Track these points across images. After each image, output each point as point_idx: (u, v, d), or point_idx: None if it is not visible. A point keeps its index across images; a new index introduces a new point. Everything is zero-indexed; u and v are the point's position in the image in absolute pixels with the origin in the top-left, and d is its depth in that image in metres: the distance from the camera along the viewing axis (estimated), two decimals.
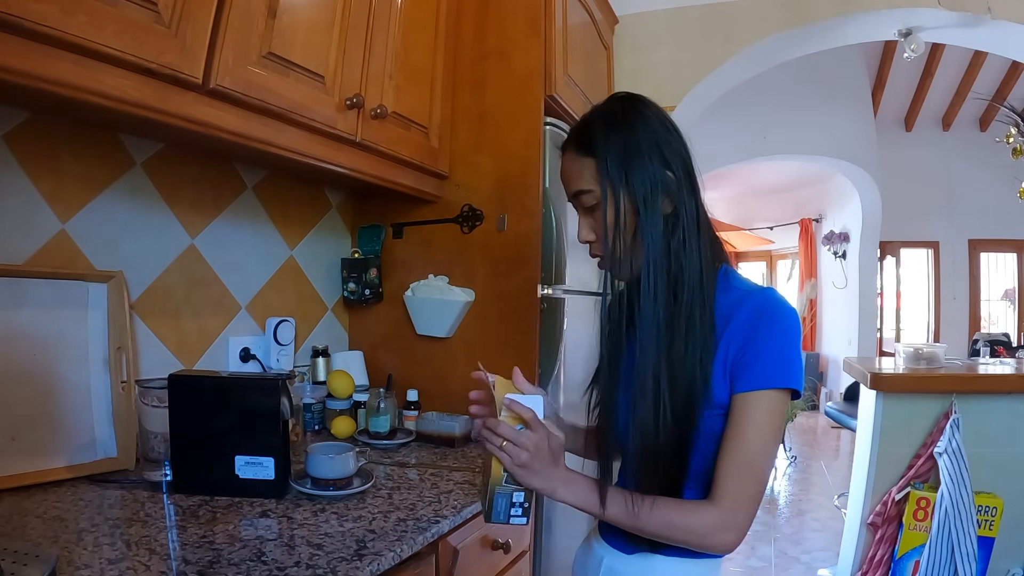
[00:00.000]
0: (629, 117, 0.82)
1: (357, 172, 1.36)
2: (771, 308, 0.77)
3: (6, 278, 1.02)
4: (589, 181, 0.82)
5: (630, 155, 0.80)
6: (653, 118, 0.83)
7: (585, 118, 0.86)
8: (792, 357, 0.76)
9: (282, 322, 1.51)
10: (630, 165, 0.80)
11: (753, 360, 0.75)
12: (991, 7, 1.97)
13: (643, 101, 0.85)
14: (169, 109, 0.93)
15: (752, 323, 0.77)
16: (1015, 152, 3.61)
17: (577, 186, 0.84)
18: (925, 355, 2.00)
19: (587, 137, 0.83)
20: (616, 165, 0.80)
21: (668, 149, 0.81)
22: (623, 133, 0.81)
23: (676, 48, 2.26)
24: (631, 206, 0.80)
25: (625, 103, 0.85)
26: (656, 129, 0.82)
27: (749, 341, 0.76)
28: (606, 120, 0.83)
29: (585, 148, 0.83)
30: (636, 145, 0.80)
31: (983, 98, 5.44)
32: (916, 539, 1.81)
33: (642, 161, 0.80)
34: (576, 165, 0.84)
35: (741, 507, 0.73)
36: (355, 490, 1.08)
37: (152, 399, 1.08)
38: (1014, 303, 6.31)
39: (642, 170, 0.80)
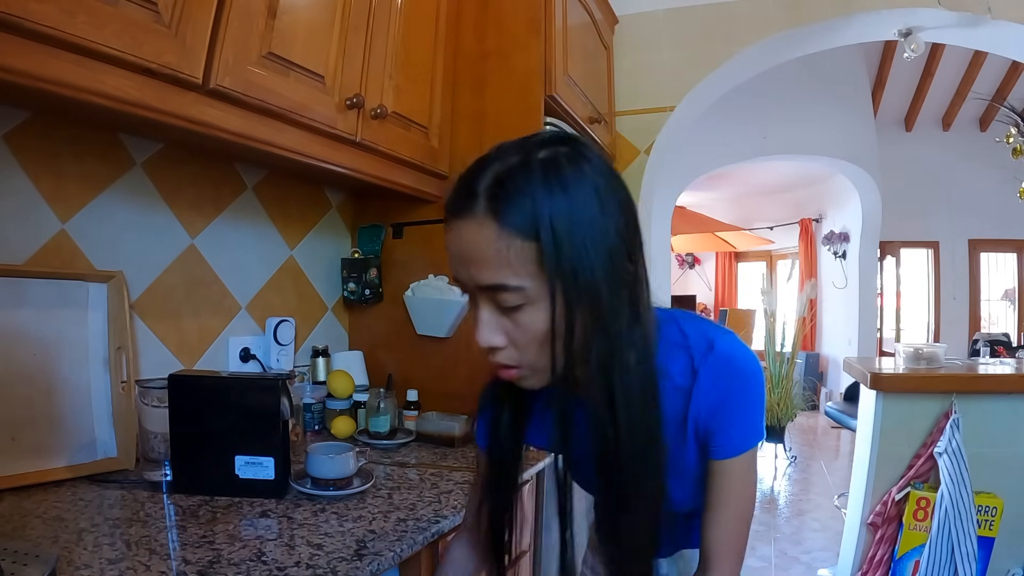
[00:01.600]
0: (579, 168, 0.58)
1: (357, 172, 1.36)
2: (733, 368, 0.66)
3: (6, 278, 1.02)
4: (520, 273, 0.56)
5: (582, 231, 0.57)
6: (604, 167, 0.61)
7: (507, 170, 0.58)
8: (761, 412, 0.69)
9: (282, 322, 1.51)
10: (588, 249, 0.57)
11: (727, 429, 0.67)
12: (991, 7, 1.97)
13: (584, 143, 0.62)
14: (169, 109, 0.93)
15: (718, 390, 0.66)
16: (1015, 152, 3.61)
17: (495, 279, 0.57)
18: (925, 355, 2.00)
19: (518, 202, 0.56)
20: (564, 248, 0.56)
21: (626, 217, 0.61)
22: (573, 196, 0.57)
23: (676, 48, 2.26)
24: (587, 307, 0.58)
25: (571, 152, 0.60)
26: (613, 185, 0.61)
27: (720, 409, 0.66)
28: (546, 174, 0.57)
29: (512, 218, 0.56)
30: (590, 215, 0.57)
31: (983, 98, 5.43)
32: (916, 539, 1.82)
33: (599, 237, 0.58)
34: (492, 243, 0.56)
35: (737, 563, 0.72)
36: (355, 490, 1.08)
37: (152, 399, 1.08)
38: (1014, 303, 6.31)
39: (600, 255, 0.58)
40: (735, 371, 0.66)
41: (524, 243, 0.56)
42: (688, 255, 8.56)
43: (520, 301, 0.58)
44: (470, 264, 0.58)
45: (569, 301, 0.57)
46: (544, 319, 0.58)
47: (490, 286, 0.58)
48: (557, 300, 0.57)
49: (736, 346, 0.67)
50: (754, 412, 0.68)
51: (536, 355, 0.60)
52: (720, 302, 8.23)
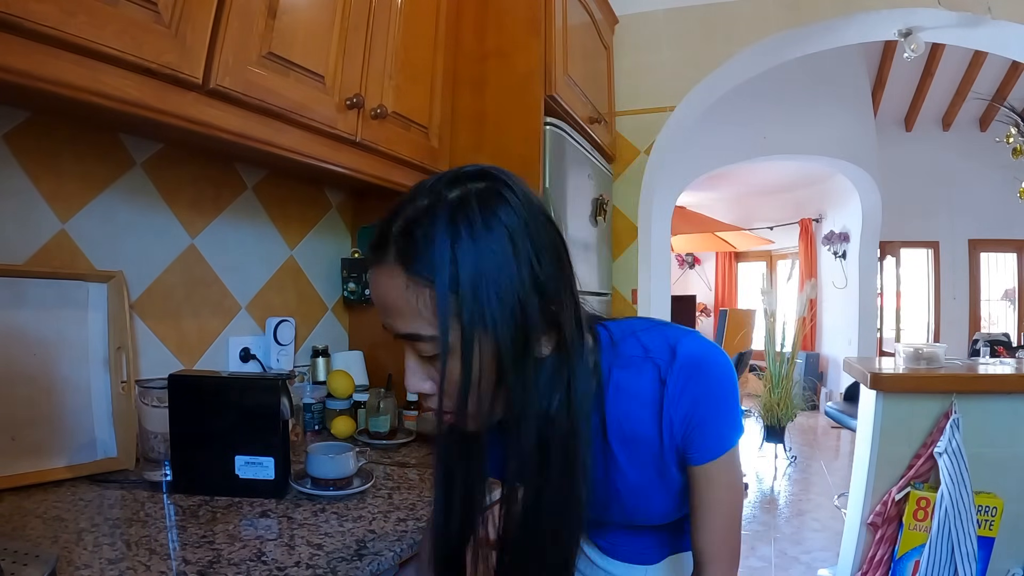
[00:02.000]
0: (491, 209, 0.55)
1: (357, 172, 1.36)
2: (700, 370, 0.65)
3: (6, 278, 1.02)
4: (425, 322, 0.55)
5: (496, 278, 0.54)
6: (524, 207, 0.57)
7: (413, 214, 0.56)
8: (736, 408, 0.67)
9: (282, 322, 1.51)
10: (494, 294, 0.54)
11: (704, 433, 0.66)
12: (991, 7, 1.97)
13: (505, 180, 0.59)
14: (169, 109, 0.93)
15: (690, 395, 0.65)
16: (1015, 152, 3.62)
17: (407, 328, 0.57)
18: (925, 355, 2.00)
19: (423, 247, 0.54)
20: (471, 295, 0.54)
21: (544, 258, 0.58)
22: (484, 240, 0.54)
23: (676, 48, 2.26)
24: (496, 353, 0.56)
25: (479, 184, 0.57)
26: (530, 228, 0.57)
27: (693, 414, 0.65)
28: (453, 217, 0.54)
29: (419, 267, 0.54)
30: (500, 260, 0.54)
31: (983, 98, 5.44)
32: (916, 539, 1.81)
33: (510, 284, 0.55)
34: (401, 293, 0.55)
35: (733, 563, 0.71)
36: (355, 490, 1.08)
37: (152, 399, 1.08)
38: (1014, 303, 6.31)
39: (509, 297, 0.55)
40: (702, 373, 0.65)
41: (422, 287, 0.54)
42: (688, 255, 8.57)
43: (436, 350, 0.56)
44: (387, 313, 0.58)
45: (480, 351, 0.55)
46: (462, 369, 0.56)
47: (406, 335, 0.57)
48: (466, 350, 0.55)
49: (700, 345, 0.66)
50: (729, 410, 0.66)
51: (465, 402, 0.57)
52: (720, 302, 8.24)
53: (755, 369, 5.48)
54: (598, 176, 1.98)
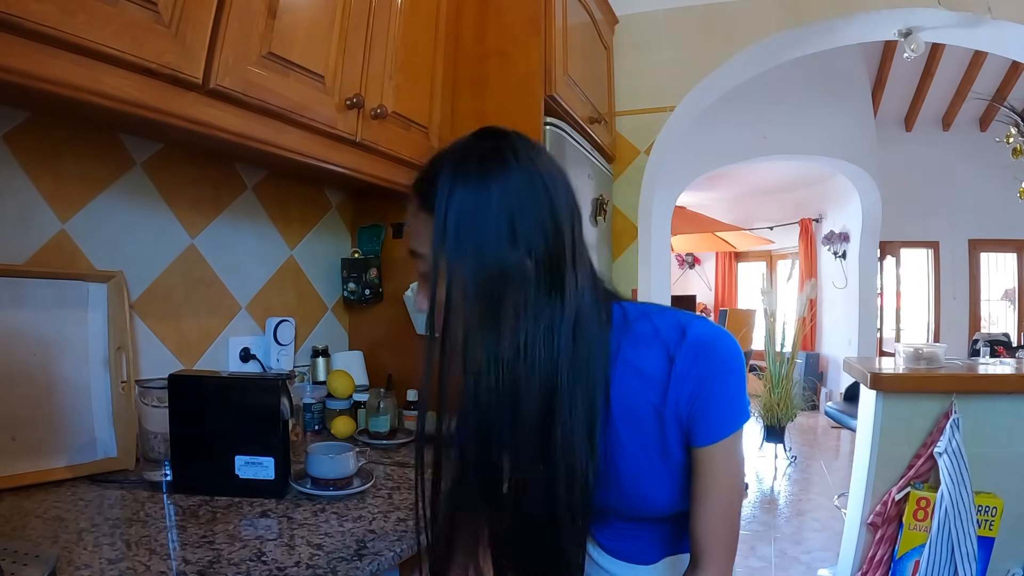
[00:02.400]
0: (487, 168, 0.63)
1: (357, 172, 1.36)
2: (709, 351, 0.67)
3: (6, 278, 1.02)
4: (422, 243, 0.65)
5: (474, 229, 0.62)
6: (523, 173, 0.64)
7: (437, 156, 0.68)
8: (742, 393, 0.69)
9: (282, 322, 1.51)
10: (473, 244, 0.61)
11: (708, 412, 0.67)
12: (991, 7, 1.97)
13: (512, 145, 0.65)
14: (169, 109, 0.93)
15: (696, 374, 0.66)
16: (1015, 152, 3.61)
17: (412, 246, 0.68)
18: (925, 355, 2.00)
19: (430, 185, 0.64)
20: (457, 240, 0.62)
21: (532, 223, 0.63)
22: (473, 193, 0.62)
23: (676, 48, 2.26)
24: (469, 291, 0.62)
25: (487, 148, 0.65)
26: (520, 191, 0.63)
27: (699, 393, 0.66)
28: (455, 170, 0.64)
29: (425, 199, 0.65)
30: (485, 216, 0.62)
31: (983, 98, 5.43)
32: (916, 539, 1.81)
33: (487, 242, 0.62)
34: (416, 220, 0.67)
35: (730, 557, 0.71)
36: (355, 490, 1.08)
37: (152, 399, 1.08)
38: (1014, 303, 6.31)
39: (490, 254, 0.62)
40: (711, 352, 0.67)
41: (424, 215, 0.65)
42: (688, 255, 8.57)
43: (424, 269, 0.66)
44: (410, 234, 0.69)
45: (453, 282, 0.62)
46: (440, 294, 0.63)
47: (411, 251, 0.69)
48: (439, 275, 0.63)
49: (710, 328, 0.68)
50: (735, 392, 0.67)
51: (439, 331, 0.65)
52: (720, 302, 8.24)
53: (755, 369, 5.48)
54: (598, 176, 1.98)
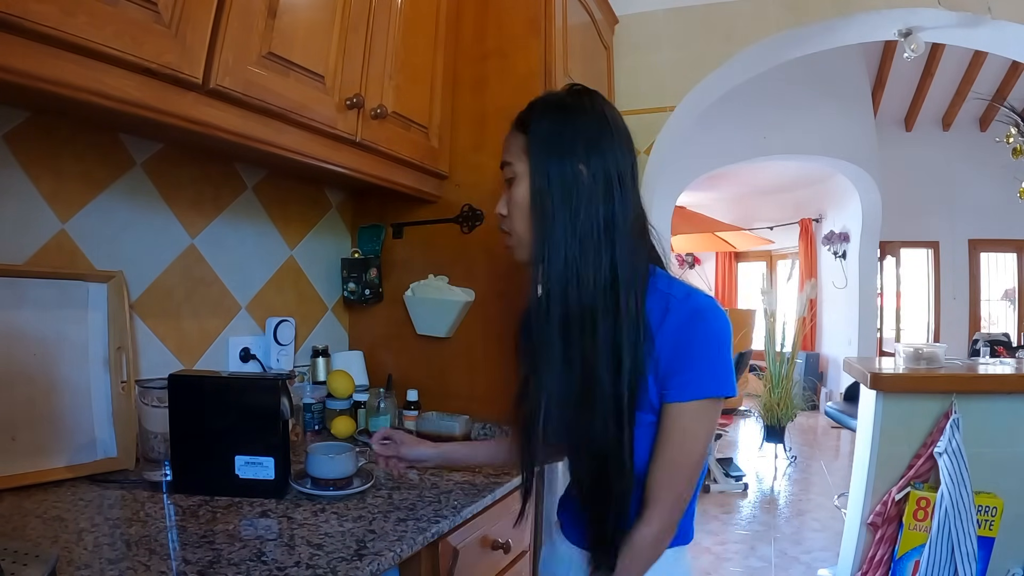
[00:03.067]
0: (570, 109, 0.83)
1: (357, 172, 1.36)
2: (701, 316, 0.76)
3: (6, 278, 1.02)
4: (513, 155, 0.84)
5: (554, 144, 0.81)
6: (594, 115, 0.82)
7: (535, 99, 0.88)
8: (722, 364, 0.75)
9: (282, 322, 1.51)
10: (551, 153, 0.80)
11: (682, 371, 0.75)
12: (991, 7, 1.97)
13: (592, 96, 0.85)
14: (169, 109, 0.93)
15: (681, 332, 0.76)
16: (1015, 152, 3.61)
17: (504, 156, 0.86)
18: (925, 355, 2.00)
19: (527, 114, 0.86)
20: (539, 148, 0.81)
21: (594, 150, 0.80)
22: (557, 122, 0.82)
23: (676, 48, 2.26)
24: (545, 193, 0.80)
25: (574, 94, 0.85)
26: (590, 126, 0.81)
27: (679, 351, 0.75)
28: (547, 105, 0.85)
29: (520, 123, 0.85)
30: (562, 135, 0.81)
31: (983, 98, 5.43)
32: (916, 539, 1.81)
33: (562, 152, 0.80)
34: (511, 138, 0.86)
35: (676, 512, 0.78)
36: (355, 490, 1.08)
37: (152, 399, 1.08)
38: (1014, 303, 6.31)
39: (560, 161, 0.80)
40: (702, 318, 0.76)
41: (519, 134, 0.84)
42: (688, 255, 8.57)
43: (512, 175, 0.84)
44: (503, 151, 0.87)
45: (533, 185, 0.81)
46: (524, 192, 0.82)
47: (503, 162, 0.86)
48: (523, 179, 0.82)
49: (711, 303, 0.78)
50: (714, 361, 0.75)
51: (518, 223, 0.84)
52: (720, 302, 8.22)
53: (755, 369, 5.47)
54: None
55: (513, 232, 0.85)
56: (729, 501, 3.75)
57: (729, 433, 5.58)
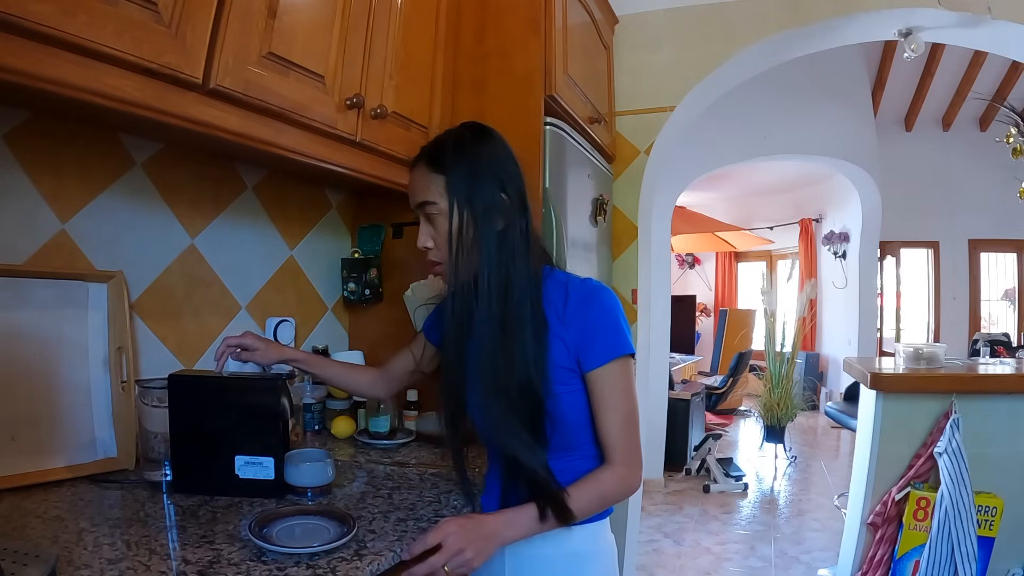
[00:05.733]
0: (477, 144, 0.94)
1: (357, 172, 1.36)
2: (593, 293, 0.92)
3: (6, 278, 1.02)
4: (436, 195, 0.92)
5: (473, 177, 0.91)
6: (497, 148, 0.95)
7: (439, 139, 0.98)
8: (622, 327, 0.91)
9: (282, 322, 1.51)
10: (472, 185, 0.91)
11: (593, 339, 0.90)
12: (991, 7, 1.97)
13: (490, 132, 0.98)
14: (169, 109, 0.93)
15: (582, 309, 0.91)
16: (1015, 152, 3.61)
17: (424, 197, 0.94)
18: (925, 355, 2.00)
19: (439, 156, 0.94)
20: (461, 184, 0.91)
21: (506, 176, 0.93)
22: (470, 157, 0.93)
23: (676, 48, 2.26)
24: (471, 220, 0.91)
25: (475, 132, 0.96)
26: (498, 157, 0.94)
27: (584, 325, 0.90)
28: (456, 144, 0.94)
29: (436, 165, 0.93)
30: (479, 169, 0.92)
31: (983, 98, 5.43)
32: (916, 539, 1.81)
33: (482, 183, 0.91)
34: (425, 179, 0.94)
35: (636, 453, 0.91)
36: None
37: (152, 399, 1.08)
38: (1014, 303, 6.31)
39: (481, 191, 0.91)
40: (595, 293, 0.92)
41: (437, 175, 0.93)
42: (688, 255, 8.56)
43: (436, 212, 0.93)
44: (414, 193, 0.96)
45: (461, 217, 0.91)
46: (454, 227, 0.91)
47: (423, 202, 0.94)
48: (453, 214, 0.91)
49: (601, 284, 0.95)
50: (616, 326, 0.90)
51: (444, 251, 0.93)
52: (720, 302, 8.23)
53: (755, 369, 5.48)
54: (598, 176, 1.98)
55: (444, 260, 0.93)
56: (729, 501, 3.75)
57: (729, 433, 5.58)
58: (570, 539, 0.91)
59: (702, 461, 4.12)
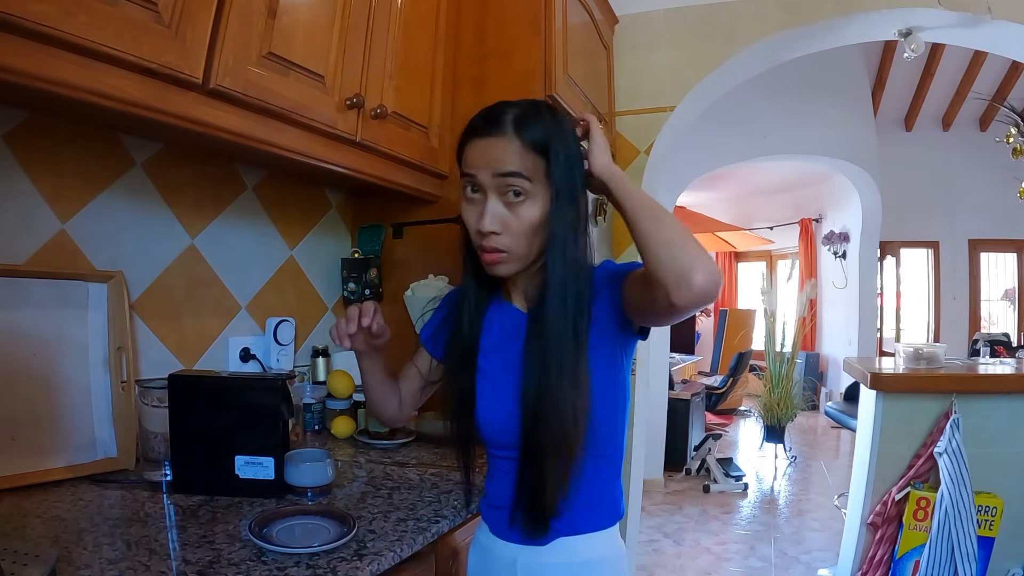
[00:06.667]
0: (566, 123, 0.84)
1: (357, 172, 1.36)
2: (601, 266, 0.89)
3: (6, 278, 1.02)
4: (528, 170, 0.79)
5: (570, 161, 0.81)
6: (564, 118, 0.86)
7: (528, 107, 0.83)
8: None
9: (282, 322, 1.51)
10: (570, 170, 0.81)
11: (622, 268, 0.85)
12: (991, 7, 1.97)
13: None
14: (169, 109, 0.93)
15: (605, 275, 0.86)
16: (1015, 152, 3.61)
17: (511, 168, 0.79)
18: (925, 355, 2.00)
19: (536, 126, 0.80)
20: (562, 165, 0.80)
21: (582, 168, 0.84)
22: (567, 136, 0.82)
23: (676, 48, 2.26)
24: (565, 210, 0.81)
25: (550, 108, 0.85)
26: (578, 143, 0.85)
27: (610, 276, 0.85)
28: (552, 118, 0.82)
29: (533, 137, 0.80)
30: (573, 152, 0.82)
31: (983, 98, 5.43)
32: (916, 539, 1.81)
33: (576, 171, 0.82)
34: (515, 149, 0.79)
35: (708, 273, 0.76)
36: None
37: (152, 399, 1.08)
38: (1014, 303, 6.31)
39: (576, 179, 0.82)
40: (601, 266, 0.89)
41: (536, 156, 0.80)
42: None
43: (524, 193, 0.80)
44: (494, 164, 0.80)
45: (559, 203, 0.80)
46: (538, 213, 0.81)
47: (509, 172, 0.79)
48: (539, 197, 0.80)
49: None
50: None
51: (521, 242, 0.82)
52: (720, 302, 8.22)
53: (755, 369, 5.48)
54: None
55: (510, 249, 0.82)
56: (729, 501, 3.75)
57: (729, 433, 5.58)
58: (581, 547, 0.86)
59: (702, 461, 4.12)
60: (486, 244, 0.82)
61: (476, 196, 0.83)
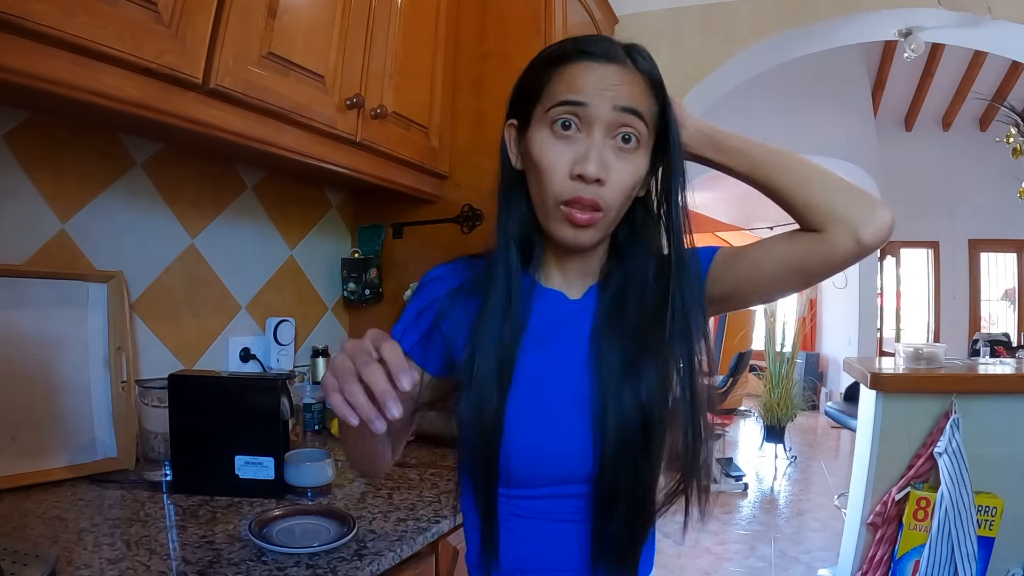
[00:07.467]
0: None
1: (357, 172, 1.36)
2: None
3: (6, 278, 1.02)
4: (647, 114, 0.65)
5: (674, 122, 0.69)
6: None
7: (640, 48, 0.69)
8: None
9: (282, 322, 1.51)
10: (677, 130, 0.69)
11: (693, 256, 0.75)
12: (991, 7, 1.97)
13: None
14: (169, 109, 0.93)
15: None
16: (1015, 152, 3.62)
17: (637, 105, 0.64)
18: (925, 355, 2.00)
19: (654, 65, 0.68)
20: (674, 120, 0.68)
21: None
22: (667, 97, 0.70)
23: (676, 48, 2.26)
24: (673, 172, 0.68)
25: None
26: None
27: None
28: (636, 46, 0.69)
29: (652, 74, 0.67)
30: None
31: (983, 98, 5.43)
32: (916, 539, 1.81)
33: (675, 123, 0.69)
34: (642, 87, 0.66)
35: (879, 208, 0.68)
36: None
37: (152, 399, 1.08)
38: (1014, 303, 6.31)
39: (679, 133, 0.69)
40: None
41: (653, 100, 0.66)
42: None
43: (639, 140, 0.65)
44: (618, 95, 0.64)
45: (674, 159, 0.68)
46: (643, 170, 0.66)
47: (632, 109, 0.64)
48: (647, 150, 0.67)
49: None
50: None
51: (620, 202, 0.65)
52: None
53: (755, 369, 5.47)
54: None
55: (607, 209, 0.64)
56: (729, 501, 3.75)
57: (729, 433, 5.58)
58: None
59: None
60: (584, 196, 0.62)
61: (571, 134, 0.64)
